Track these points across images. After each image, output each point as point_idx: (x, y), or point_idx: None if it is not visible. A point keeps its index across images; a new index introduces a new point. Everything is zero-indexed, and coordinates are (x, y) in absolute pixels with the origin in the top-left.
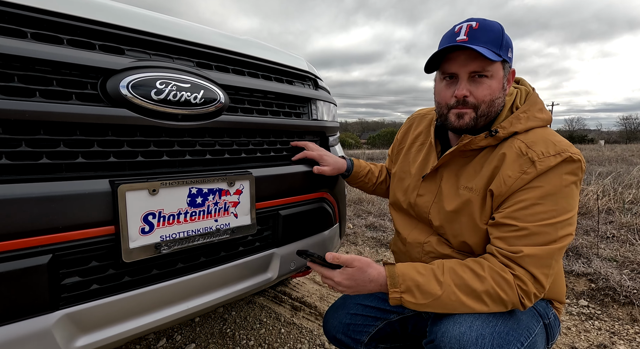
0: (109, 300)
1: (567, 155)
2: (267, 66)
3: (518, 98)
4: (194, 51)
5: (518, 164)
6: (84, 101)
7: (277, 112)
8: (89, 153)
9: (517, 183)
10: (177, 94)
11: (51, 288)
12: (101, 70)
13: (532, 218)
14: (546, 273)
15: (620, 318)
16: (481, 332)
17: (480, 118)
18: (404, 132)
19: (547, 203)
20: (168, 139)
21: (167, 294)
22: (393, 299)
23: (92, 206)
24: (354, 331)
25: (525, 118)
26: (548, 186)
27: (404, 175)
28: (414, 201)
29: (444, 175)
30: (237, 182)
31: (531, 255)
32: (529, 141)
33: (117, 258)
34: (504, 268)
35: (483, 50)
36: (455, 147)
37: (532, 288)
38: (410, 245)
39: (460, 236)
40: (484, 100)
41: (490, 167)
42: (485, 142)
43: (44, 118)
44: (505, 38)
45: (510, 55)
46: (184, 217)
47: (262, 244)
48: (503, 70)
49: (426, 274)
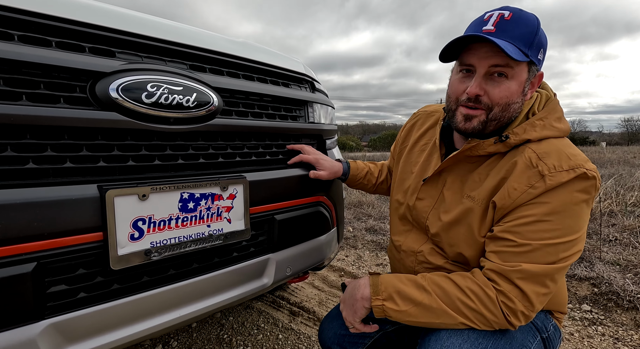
0: (97, 309)
1: (581, 172)
2: (263, 69)
3: (537, 104)
4: (187, 53)
5: (526, 176)
6: (72, 104)
7: (272, 115)
8: (77, 157)
9: (522, 197)
10: (168, 97)
11: (36, 296)
12: (90, 73)
13: (534, 235)
14: (538, 292)
15: (624, 324)
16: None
17: (491, 122)
18: (408, 130)
19: (552, 222)
20: (160, 143)
21: (158, 302)
22: (376, 308)
23: (79, 212)
24: (350, 342)
25: (541, 126)
26: (556, 203)
27: (405, 175)
28: (412, 205)
29: (448, 180)
30: (230, 186)
31: (524, 270)
32: (541, 152)
33: (105, 265)
34: (487, 283)
35: (508, 46)
36: (459, 150)
37: (519, 305)
38: (405, 254)
39: (456, 246)
40: (498, 103)
41: (497, 178)
42: (494, 148)
43: (30, 122)
44: (540, 36)
45: (540, 56)
46: (175, 223)
47: (256, 249)
48: (528, 72)
49: (408, 283)
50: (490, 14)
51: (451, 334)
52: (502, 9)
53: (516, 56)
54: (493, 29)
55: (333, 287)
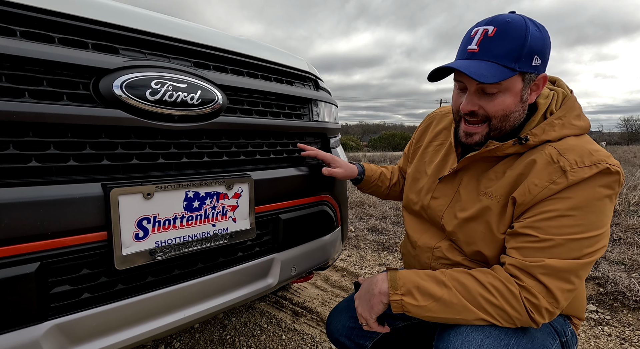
0: (101, 309)
1: (604, 167)
2: (267, 66)
3: (554, 103)
4: (191, 51)
5: (547, 172)
6: (75, 102)
7: (276, 113)
8: (80, 156)
9: (543, 192)
10: (173, 94)
11: (39, 297)
12: (93, 70)
13: (556, 230)
14: (562, 288)
15: (630, 324)
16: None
17: (493, 132)
18: (422, 130)
19: (575, 217)
20: (164, 141)
21: (163, 303)
22: (394, 303)
23: (82, 211)
24: (358, 335)
25: (560, 125)
26: (578, 199)
27: (418, 175)
28: (427, 204)
29: (464, 179)
30: (235, 185)
31: (547, 266)
32: (561, 148)
33: (109, 265)
34: (509, 279)
35: (485, 70)
36: (477, 152)
37: (543, 302)
38: (420, 249)
39: (474, 245)
40: (495, 115)
41: (514, 174)
42: (512, 150)
43: (33, 120)
44: (530, 45)
45: (537, 62)
46: (180, 222)
47: (261, 249)
48: (522, 81)
49: (427, 278)
50: (476, 30)
51: (472, 329)
52: (488, 24)
53: (493, 79)
54: (476, 49)
55: (336, 287)
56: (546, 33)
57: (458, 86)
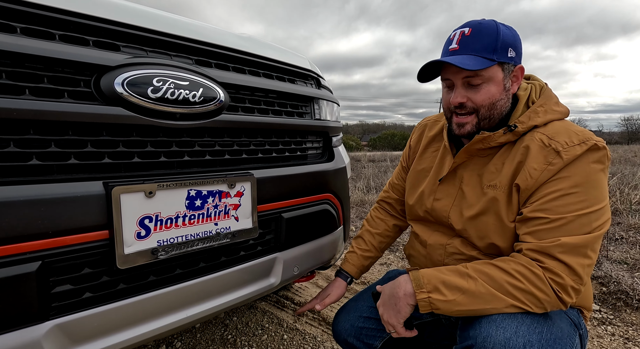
0: (103, 309)
1: (592, 143)
2: (269, 64)
3: (533, 93)
4: (193, 48)
5: (542, 156)
6: (76, 99)
7: (279, 112)
8: (82, 154)
9: (543, 174)
10: (175, 92)
11: (40, 297)
12: (94, 67)
13: (564, 209)
14: (582, 264)
15: (634, 323)
16: (528, 339)
17: (483, 121)
18: (417, 138)
19: (578, 194)
20: (166, 139)
21: (165, 302)
22: (422, 302)
23: (84, 209)
24: (367, 335)
25: (543, 111)
26: (577, 177)
27: (416, 181)
28: (430, 207)
29: (464, 176)
30: (237, 184)
31: (564, 244)
32: (550, 133)
33: (111, 264)
34: (531, 262)
35: (468, 60)
36: (470, 142)
37: (568, 280)
38: (432, 247)
39: (486, 238)
40: (482, 105)
41: (514, 163)
42: (504, 138)
43: (33, 117)
44: (503, 39)
45: (511, 54)
46: (182, 221)
47: (264, 248)
48: (502, 71)
49: (450, 272)
50: (454, 33)
51: (505, 317)
52: (463, 27)
53: (476, 67)
54: (457, 47)
55: None
56: (515, 31)
57: (446, 84)
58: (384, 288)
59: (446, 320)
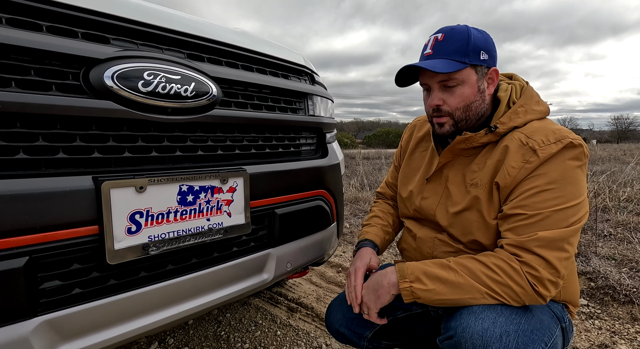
0: (93, 305)
1: (567, 142)
2: (262, 60)
3: (514, 93)
4: (184, 42)
5: (520, 154)
6: (64, 92)
7: (272, 107)
8: (70, 148)
9: (521, 172)
10: (166, 86)
11: (28, 293)
12: (83, 60)
13: (541, 205)
14: (559, 257)
15: (620, 317)
16: (505, 329)
17: (460, 123)
18: (407, 139)
19: (554, 190)
20: (157, 134)
21: (156, 298)
22: (404, 290)
23: (73, 204)
24: (358, 325)
25: (524, 112)
26: (553, 174)
27: (406, 181)
28: (418, 205)
29: (450, 175)
30: (230, 179)
31: (540, 238)
32: (528, 132)
33: (101, 260)
34: (510, 257)
35: (439, 64)
36: (453, 142)
37: (544, 273)
38: (421, 240)
39: (470, 234)
40: (457, 107)
41: (493, 161)
42: (486, 138)
43: (20, 110)
44: (473, 43)
45: (484, 56)
46: (173, 216)
47: (257, 244)
48: (476, 73)
49: (433, 264)
50: (429, 40)
51: (484, 308)
52: (437, 33)
53: (447, 69)
54: (431, 52)
55: (331, 283)
56: (487, 35)
57: (425, 88)
58: (372, 275)
59: (434, 313)
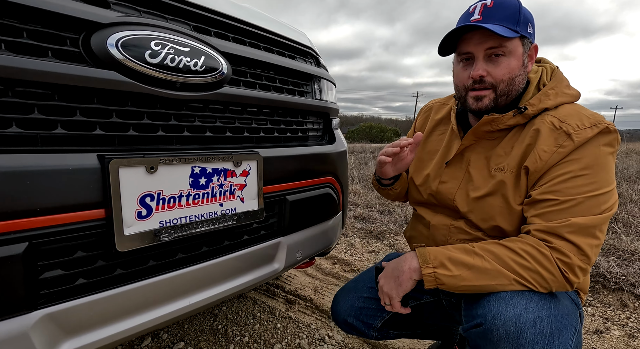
0: (98, 297)
1: (603, 126)
2: (269, 37)
3: (544, 75)
4: (191, 13)
5: (553, 138)
6: (61, 59)
7: (280, 89)
8: (69, 123)
9: (553, 157)
10: (175, 58)
11: (27, 283)
12: (83, 23)
13: (574, 191)
14: (591, 244)
15: (611, 304)
16: (538, 314)
17: (500, 97)
18: (422, 121)
19: (587, 176)
20: (163, 111)
21: (165, 290)
22: (427, 276)
23: (77, 184)
24: (367, 315)
25: (554, 94)
26: (587, 159)
27: (422, 164)
28: (435, 189)
29: (472, 159)
30: (243, 162)
31: (573, 224)
32: (561, 115)
33: (109, 247)
34: (539, 242)
35: (497, 27)
36: (479, 122)
37: (575, 259)
38: (435, 228)
39: (491, 220)
40: (502, 79)
41: (523, 145)
42: (513, 121)
43: (12, 76)
44: (524, 13)
45: (530, 30)
46: (185, 200)
47: (267, 232)
48: (522, 46)
49: (457, 250)
50: (474, 6)
51: (513, 294)
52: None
53: (507, 34)
54: (480, 18)
55: (327, 274)
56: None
57: (462, 59)
58: (388, 263)
59: (447, 301)
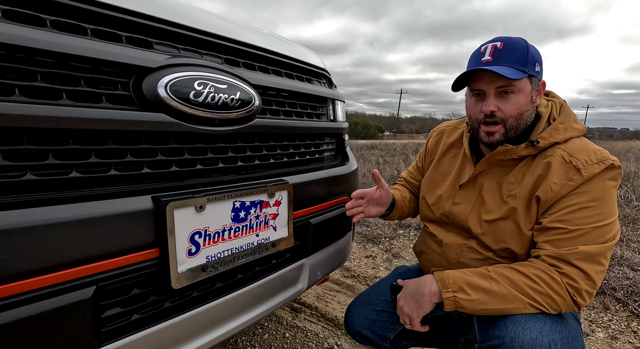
0: (152, 330)
1: (609, 163)
2: (289, 63)
3: (554, 110)
4: (221, 46)
5: (563, 171)
6: (113, 103)
7: (300, 113)
8: (122, 164)
9: (563, 189)
10: (215, 96)
11: (94, 324)
12: (134, 68)
13: (582, 221)
14: (597, 270)
15: (595, 307)
16: (552, 338)
17: (510, 131)
18: (435, 143)
19: (594, 207)
20: (202, 146)
21: (206, 319)
22: (447, 300)
23: (137, 227)
24: (380, 327)
25: (564, 128)
26: (594, 192)
27: (434, 185)
28: (449, 210)
29: (485, 184)
30: (276, 193)
31: (581, 252)
32: (570, 150)
33: (164, 284)
34: (549, 268)
35: (506, 70)
36: (492, 152)
37: (583, 285)
38: (448, 246)
39: (503, 242)
40: (511, 115)
41: (534, 176)
42: (525, 152)
43: (77, 126)
44: (532, 54)
45: (538, 69)
46: (227, 234)
47: (292, 255)
48: (530, 84)
49: (473, 274)
50: (485, 47)
51: (528, 318)
52: (494, 41)
53: (514, 76)
54: (490, 59)
55: (328, 281)
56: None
57: (474, 94)
58: (407, 283)
59: (456, 315)
